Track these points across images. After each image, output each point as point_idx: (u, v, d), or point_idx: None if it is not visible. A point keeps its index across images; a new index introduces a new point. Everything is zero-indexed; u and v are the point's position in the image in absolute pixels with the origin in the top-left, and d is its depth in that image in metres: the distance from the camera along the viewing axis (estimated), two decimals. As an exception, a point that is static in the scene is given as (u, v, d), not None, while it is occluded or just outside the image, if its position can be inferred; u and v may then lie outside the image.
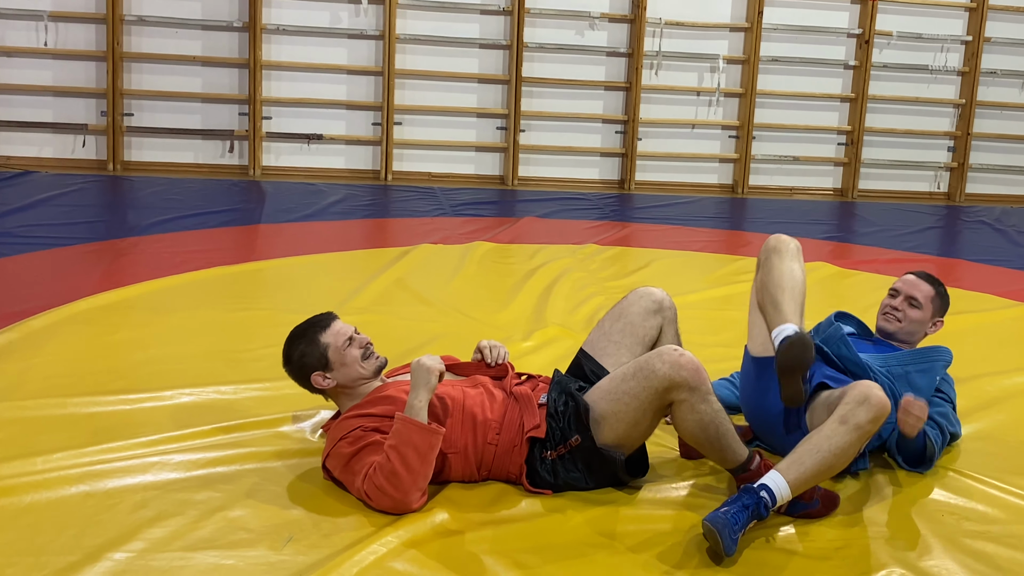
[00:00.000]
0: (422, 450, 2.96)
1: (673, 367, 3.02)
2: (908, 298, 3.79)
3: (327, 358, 3.24)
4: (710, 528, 2.76)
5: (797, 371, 3.20)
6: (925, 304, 3.78)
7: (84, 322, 4.79)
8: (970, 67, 11.35)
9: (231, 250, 6.73)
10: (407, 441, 2.96)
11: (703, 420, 3.06)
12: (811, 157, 11.35)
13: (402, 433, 2.97)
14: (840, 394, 3.16)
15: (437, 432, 2.99)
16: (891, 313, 3.81)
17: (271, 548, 2.78)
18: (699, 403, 3.04)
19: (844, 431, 2.98)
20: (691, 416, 3.05)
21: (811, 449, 2.98)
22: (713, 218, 9.43)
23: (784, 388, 3.24)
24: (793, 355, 3.20)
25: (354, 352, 3.25)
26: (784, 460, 2.99)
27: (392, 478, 2.94)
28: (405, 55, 10.43)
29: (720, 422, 3.08)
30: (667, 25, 10.77)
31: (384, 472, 2.94)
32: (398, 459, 2.94)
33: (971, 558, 2.94)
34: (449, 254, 6.74)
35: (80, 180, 9.12)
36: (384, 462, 2.96)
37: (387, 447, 2.97)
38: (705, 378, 3.06)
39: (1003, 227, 9.50)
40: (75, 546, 2.73)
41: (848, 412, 3.00)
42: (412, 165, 10.66)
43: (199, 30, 10.03)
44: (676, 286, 5.58)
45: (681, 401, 3.04)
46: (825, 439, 2.98)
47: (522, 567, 2.76)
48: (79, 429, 3.49)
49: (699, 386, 3.03)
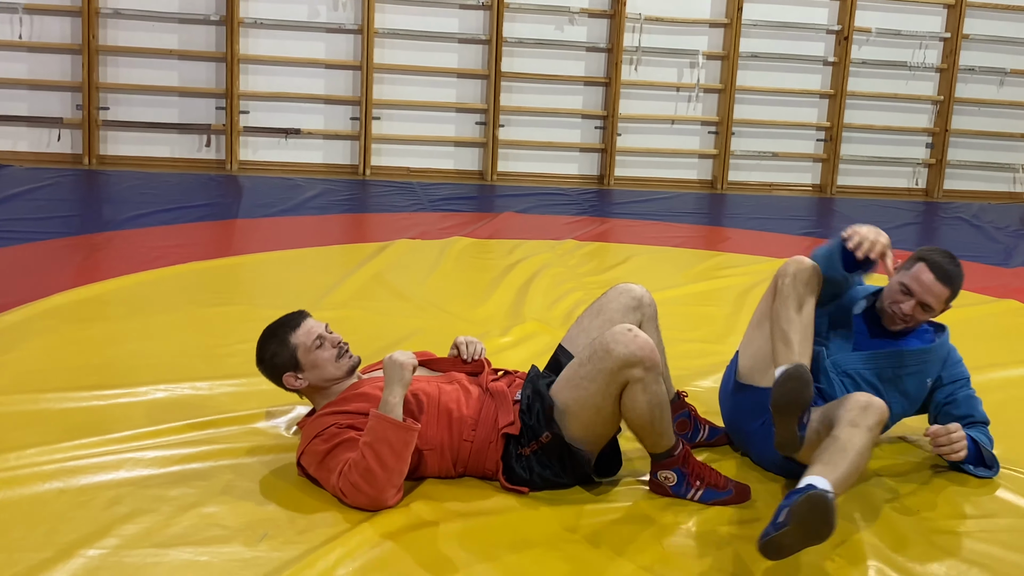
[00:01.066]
0: (397, 447, 2.95)
1: (628, 346, 3.01)
2: (921, 304, 3.47)
3: (297, 359, 3.23)
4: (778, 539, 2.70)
5: (793, 410, 3.06)
6: (937, 307, 3.51)
7: (58, 317, 4.75)
8: (948, 63, 11.40)
9: (207, 245, 6.69)
10: (382, 438, 2.94)
11: (653, 401, 3.05)
12: (790, 153, 11.37)
13: (377, 430, 2.95)
14: (835, 404, 3.17)
15: (412, 429, 2.98)
16: (899, 315, 3.49)
17: (246, 544, 2.76)
18: (652, 383, 3.04)
19: (860, 433, 3.00)
20: (643, 396, 3.04)
21: (838, 450, 2.95)
22: (692, 214, 9.44)
23: (778, 431, 3.10)
24: (790, 389, 3.06)
25: (325, 353, 3.23)
26: (815, 466, 2.92)
27: (367, 475, 2.92)
28: (384, 49, 10.39)
29: (665, 405, 3.10)
30: (647, 21, 10.76)
31: (359, 469, 2.93)
32: (373, 456, 2.93)
33: (948, 554, 2.96)
34: (427, 249, 6.72)
35: (55, 174, 9.04)
36: (359, 459, 2.94)
37: (362, 444, 2.96)
38: (659, 358, 3.07)
39: (981, 223, 9.54)
40: (47, 543, 2.71)
41: (856, 417, 3.04)
42: (391, 160, 10.62)
43: (176, 23, 9.96)
44: (655, 282, 5.58)
45: (636, 380, 3.02)
46: (847, 441, 2.98)
47: (494, 560, 2.76)
48: (52, 425, 3.46)
49: (654, 366, 3.03)
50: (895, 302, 3.49)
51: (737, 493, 3.19)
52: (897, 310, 3.48)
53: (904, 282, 3.47)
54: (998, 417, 4.03)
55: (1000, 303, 6.06)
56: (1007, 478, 3.49)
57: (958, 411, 3.61)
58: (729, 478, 3.23)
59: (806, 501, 2.68)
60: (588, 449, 3.16)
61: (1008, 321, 5.76)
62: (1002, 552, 2.99)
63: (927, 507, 3.26)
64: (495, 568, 2.73)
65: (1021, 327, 5.66)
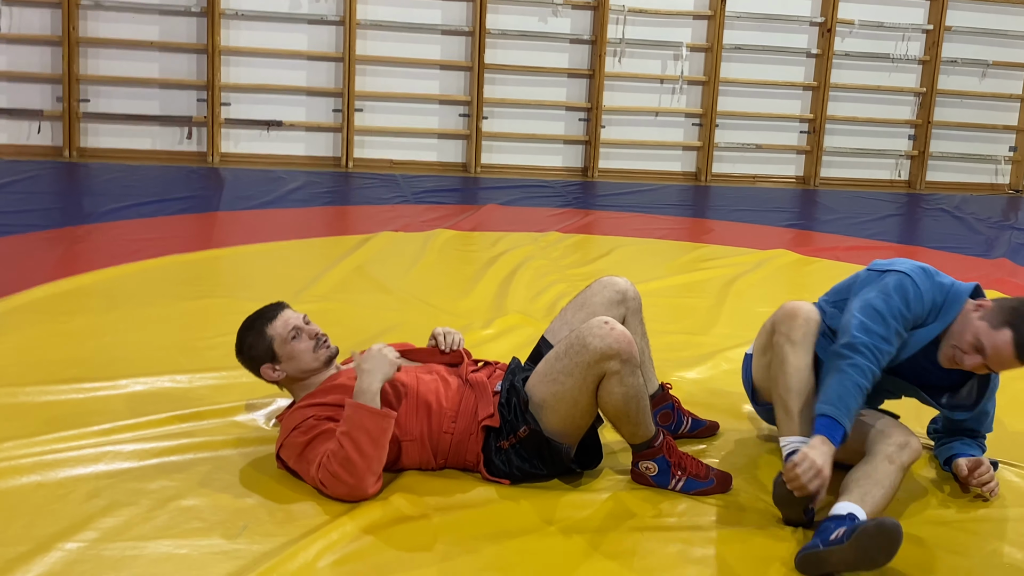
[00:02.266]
0: (374, 434, 2.94)
1: (604, 339, 3.00)
2: (987, 367, 3.12)
3: (274, 351, 3.21)
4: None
5: (797, 504, 2.94)
6: (999, 372, 3.22)
7: (38, 310, 4.72)
8: (931, 55, 11.43)
9: (188, 237, 6.66)
10: (359, 426, 2.93)
11: (629, 393, 3.04)
12: (773, 145, 11.39)
13: (353, 419, 2.94)
14: (873, 431, 3.12)
15: (389, 416, 2.97)
16: (957, 361, 3.12)
17: (225, 537, 2.75)
18: (628, 376, 3.03)
19: (895, 470, 3.00)
20: (619, 389, 3.03)
21: (875, 483, 2.95)
22: (676, 206, 9.44)
23: (784, 514, 3.00)
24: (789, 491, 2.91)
25: (302, 344, 3.22)
26: (852, 492, 2.91)
27: (346, 464, 2.91)
28: (366, 41, 10.36)
29: (642, 396, 3.09)
30: (630, 12, 10.76)
31: (338, 459, 2.92)
32: (351, 444, 2.92)
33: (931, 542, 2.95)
34: (410, 242, 6.70)
35: (35, 167, 9.00)
36: (337, 449, 2.93)
37: (339, 433, 2.95)
38: (636, 351, 3.05)
39: (962, 215, 9.57)
40: (26, 536, 2.69)
41: (893, 453, 3.03)
42: (373, 152, 10.60)
43: (156, 15, 9.91)
44: (638, 273, 5.58)
45: (613, 373, 3.02)
46: (884, 476, 2.98)
47: (474, 552, 2.76)
48: (31, 418, 3.44)
49: (631, 358, 3.02)
50: (961, 350, 3.11)
51: (719, 482, 3.18)
52: (959, 358, 3.12)
53: (981, 339, 3.06)
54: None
55: (982, 294, 6.06)
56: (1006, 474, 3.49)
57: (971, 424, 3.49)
58: (711, 467, 3.22)
59: (876, 527, 2.66)
60: (567, 442, 3.15)
61: (990, 312, 5.76)
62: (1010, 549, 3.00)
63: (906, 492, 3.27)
64: (475, 560, 2.73)
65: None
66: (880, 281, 3.20)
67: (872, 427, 3.16)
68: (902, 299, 3.12)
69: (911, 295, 3.13)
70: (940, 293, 3.20)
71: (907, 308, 3.12)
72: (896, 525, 2.67)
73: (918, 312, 3.15)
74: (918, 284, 3.16)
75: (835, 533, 2.73)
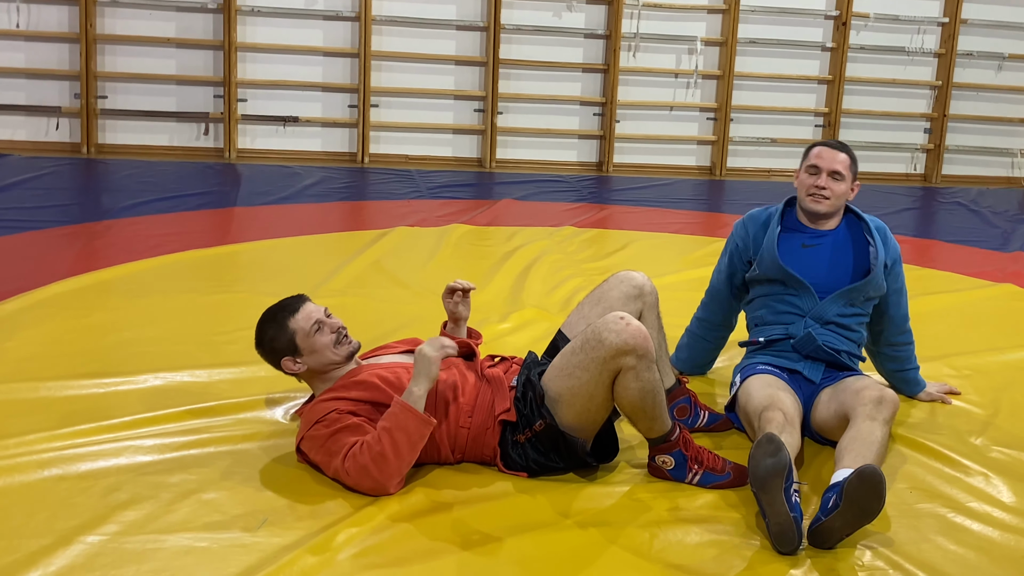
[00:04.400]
0: (414, 438, 2.98)
1: (620, 334, 3.01)
2: (831, 173, 3.73)
3: (296, 344, 3.22)
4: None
5: (775, 479, 2.81)
6: (846, 174, 3.75)
7: (58, 306, 4.75)
8: (947, 49, 11.38)
9: (206, 233, 6.69)
10: (401, 426, 2.96)
11: (645, 388, 3.05)
12: (788, 139, 11.36)
13: (398, 417, 2.97)
14: (848, 393, 3.37)
15: (431, 423, 3.01)
16: (817, 193, 3.74)
17: (245, 530, 2.77)
18: (644, 371, 3.04)
19: (879, 426, 3.17)
20: (635, 384, 3.04)
21: (863, 444, 3.09)
22: (691, 200, 9.44)
23: (769, 515, 2.83)
24: (765, 453, 2.85)
25: (324, 338, 3.22)
26: (844, 460, 3.04)
27: (379, 460, 2.94)
28: (382, 36, 10.38)
29: (658, 391, 3.10)
30: (645, 7, 10.75)
31: (372, 452, 2.94)
32: (389, 442, 2.94)
33: (937, 534, 2.96)
34: (426, 236, 6.72)
35: (53, 163, 9.04)
36: (374, 442, 2.95)
37: (380, 428, 2.97)
38: (651, 346, 3.07)
39: (978, 208, 9.54)
40: (48, 529, 2.72)
41: (872, 411, 3.21)
42: (389, 147, 10.62)
43: (173, 11, 9.94)
44: (653, 268, 5.57)
45: (629, 369, 3.03)
46: (869, 434, 3.14)
47: (491, 545, 2.77)
48: (52, 412, 3.47)
49: (646, 354, 3.04)
50: (808, 186, 3.75)
51: (736, 476, 3.19)
52: (813, 190, 3.73)
53: (807, 165, 3.77)
54: (996, 401, 4.05)
55: (998, 287, 6.06)
56: (1008, 462, 3.50)
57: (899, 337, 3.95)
58: (728, 461, 3.23)
59: (856, 478, 2.76)
60: (582, 436, 3.17)
61: (1006, 305, 5.76)
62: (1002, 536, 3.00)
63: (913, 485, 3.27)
64: (494, 553, 2.74)
65: (1019, 311, 5.67)
66: None
67: (845, 392, 3.38)
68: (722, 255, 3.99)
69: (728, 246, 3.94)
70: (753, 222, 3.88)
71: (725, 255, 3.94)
72: (874, 470, 2.76)
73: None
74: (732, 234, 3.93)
75: (831, 500, 2.83)
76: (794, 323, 3.68)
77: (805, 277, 3.67)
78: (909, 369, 4.01)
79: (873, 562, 2.78)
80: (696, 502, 3.09)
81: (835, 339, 3.65)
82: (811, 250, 3.75)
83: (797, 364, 3.62)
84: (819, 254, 3.74)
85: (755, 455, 2.86)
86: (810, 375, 3.60)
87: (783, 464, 2.81)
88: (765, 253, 3.73)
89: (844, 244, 3.77)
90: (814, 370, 3.61)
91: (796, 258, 3.72)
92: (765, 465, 2.82)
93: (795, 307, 3.69)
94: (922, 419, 3.85)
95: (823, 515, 2.81)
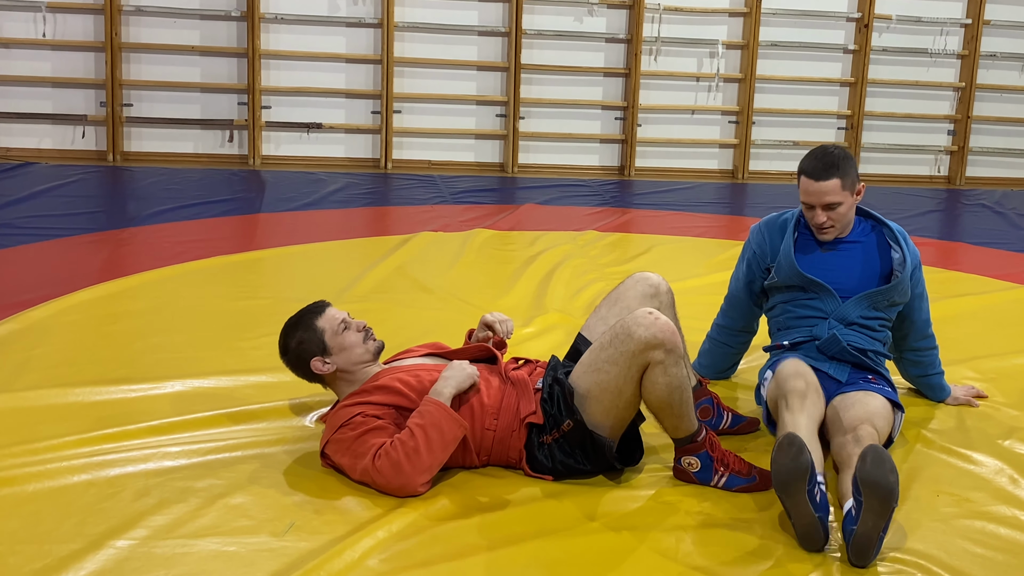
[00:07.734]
0: (447, 438, 3.01)
1: (649, 328, 3.03)
2: (824, 207, 3.62)
3: (325, 343, 3.25)
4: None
5: (797, 482, 2.80)
6: (840, 198, 3.61)
7: (85, 312, 4.80)
8: (970, 50, 11.33)
9: (231, 239, 6.73)
10: (435, 423, 2.99)
11: (672, 384, 3.06)
12: (811, 142, 11.30)
13: (433, 415, 3.00)
14: (844, 411, 3.35)
15: (463, 426, 3.05)
16: (822, 228, 3.67)
17: (273, 534, 2.79)
18: (672, 366, 3.05)
19: (872, 439, 3.16)
20: (663, 379, 3.05)
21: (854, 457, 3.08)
22: (713, 204, 9.42)
23: (794, 516, 2.84)
24: (787, 456, 2.83)
25: (352, 336, 3.26)
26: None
27: (413, 455, 2.96)
28: (404, 43, 10.42)
29: (686, 387, 3.10)
30: (666, 11, 10.75)
31: (406, 448, 2.97)
32: (423, 438, 2.97)
33: (965, 539, 2.95)
34: (449, 241, 6.74)
35: (80, 171, 9.11)
36: (407, 438, 2.98)
37: (413, 425, 3.00)
38: (679, 341, 3.08)
39: (1003, 210, 9.50)
40: (78, 534, 2.74)
41: (865, 434, 3.17)
42: (412, 153, 10.66)
43: (197, 19, 10.02)
44: (676, 272, 5.59)
45: (657, 363, 3.04)
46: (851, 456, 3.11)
47: (518, 548, 2.78)
48: (81, 418, 3.50)
49: (675, 348, 3.05)
50: (810, 221, 3.70)
51: (762, 479, 3.18)
52: (816, 226, 3.68)
53: (801, 199, 3.68)
54: (1021, 403, 4.04)
55: (1022, 289, 6.03)
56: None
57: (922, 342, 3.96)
58: (753, 464, 3.22)
59: (861, 460, 2.76)
60: (610, 435, 3.17)
61: (1031, 307, 5.74)
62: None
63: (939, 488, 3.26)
64: (521, 556, 2.75)
65: (1044, 313, 5.64)
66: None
67: (839, 409, 3.37)
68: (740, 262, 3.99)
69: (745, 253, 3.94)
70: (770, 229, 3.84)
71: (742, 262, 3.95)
72: (871, 445, 2.78)
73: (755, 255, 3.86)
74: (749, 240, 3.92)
75: (851, 509, 2.80)
76: (818, 325, 3.67)
77: (825, 280, 3.66)
78: (933, 374, 3.99)
79: (900, 566, 2.77)
80: (722, 504, 3.09)
81: (860, 339, 3.64)
82: (830, 253, 3.73)
83: (823, 365, 3.61)
84: (838, 257, 3.73)
85: (777, 458, 2.85)
86: (836, 375, 3.58)
87: (805, 466, 2.80)
88: (782, 260, 3.71)
89: (864, 247, 3.76)
90: (840, 370, 3.59)
91: (815, 262, 3.71)
92: (787, 468, 2.80)
93: (818, 310, 3.68)
94: (948, 423, 3.84)
95: (853, 524, 2.75)
